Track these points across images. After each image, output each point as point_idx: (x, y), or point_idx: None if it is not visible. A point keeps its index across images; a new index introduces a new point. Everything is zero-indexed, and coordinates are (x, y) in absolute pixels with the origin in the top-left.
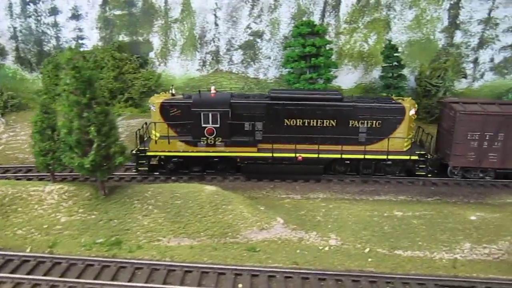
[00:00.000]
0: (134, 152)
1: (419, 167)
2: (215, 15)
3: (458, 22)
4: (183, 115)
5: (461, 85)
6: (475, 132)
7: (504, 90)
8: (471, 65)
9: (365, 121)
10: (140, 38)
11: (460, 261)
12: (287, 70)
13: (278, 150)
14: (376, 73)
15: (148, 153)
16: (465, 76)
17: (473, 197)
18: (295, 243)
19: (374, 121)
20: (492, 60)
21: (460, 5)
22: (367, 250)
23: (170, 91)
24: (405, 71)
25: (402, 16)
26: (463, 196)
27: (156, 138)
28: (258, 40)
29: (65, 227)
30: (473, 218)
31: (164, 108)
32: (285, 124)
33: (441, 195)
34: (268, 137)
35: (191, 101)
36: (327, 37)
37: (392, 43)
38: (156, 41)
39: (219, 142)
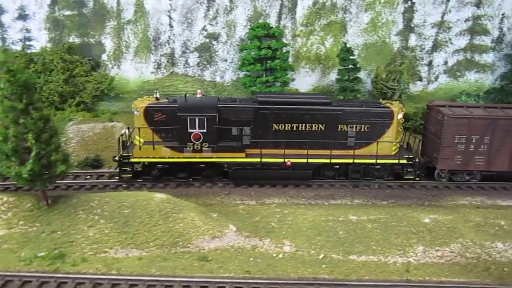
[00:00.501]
0: (117, 158)
1: (407, 171)
2: (169, 16)
3: (412, 25)
4: (168, 120)
5: (416, 87)
6: (462, 136)
7: (458, 92)
8: (426, 68)
9: (354, 125)
10: (92, 40)
11: (413, 264)
12: (243, 73)
13: (267, 155)
14: (334, 75)
15: (132, 160)
16: (420, 79)
17: (427, 200)
18: (248, 251)
19: (363, 125)
20: (446, 63)
21: (414, 8)
22: (321, 256)
23: (154, 95)
24: (361, 74)
25: (358, 19)
26: (417, 199)
27: (140, 144)
28: (214, 42)
29: (3, 241)
30: (426, 220)
31: (148, 113)
32: (274, 129)
33: (396, 198)
34: (256, 142)
35: (176, 105)
36: (283, 40)
37: (347, 46)
38: (108, 43)
39: (206, 147)
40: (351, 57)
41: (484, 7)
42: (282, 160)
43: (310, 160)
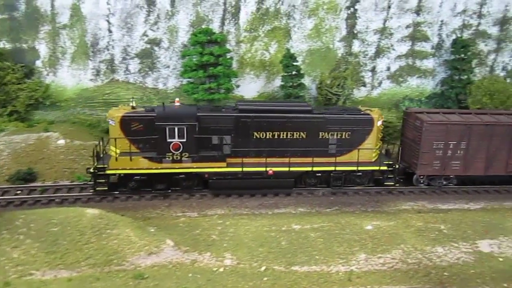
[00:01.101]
0: (91, 170)
1: (388, 177)
2: (108, 21)
3: (355, 31)
4: (146, 130)
5: (360, 93)
6: (440, 141)
7: (401, 98)
8: (370, 73)
9: (335, 133)
10: (24, 45)
11: (355, 273)
12: (186, 80)
13: (248, 164)
14: (279, 82)
15: (108, 171)
16: (364, 84)
17: (371, 206)
18: (187, 266)
19: (344, 133)
20: (388, 68)
21: (357, 15)
22: (263, 268)
23: (130, 104)
24: (306, 80)
25: (302, 25)
26: (361, 205)
27: (116, 155)
28: (156, 48)
29: None
30: (369, 227)
31: (125, 123)
32: (254, 137)
33: (340, 205)
34: (237, 151)
35: (154, 115)
36: (227, 46)
37: (290, 52)
38: (43, 48)
39: (186, 157)
40: (294, 63)
41: (423, 14)
42: (264, 169)
43: (292, 169)
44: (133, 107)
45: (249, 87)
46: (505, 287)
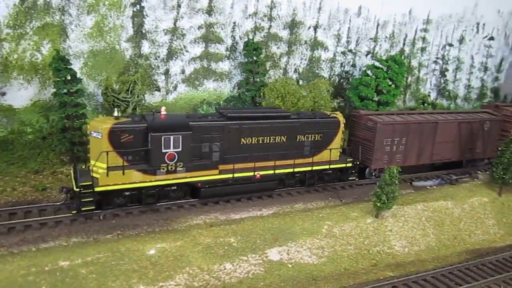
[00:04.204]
0: (76, 189)
1: (351, 172)
2: None
3: (144, 31)
4: (136, 141)
5: (155, 98)
6: (388, 139)
7: (199, 102)
8: (163, 77)
9: (310, 135)
10: None
11: None
12: None
13: (237, 170)
14: None
15: (98, 188)
16: (158, 89)
17: (158, 225)
18: None
19: (317, 135)
20: (183, 71)
21: (144, 13)
22: None
23: (114, 113)
24: (91, 85)
25: (81, 22)
26: (147, 226)
27: (103, 171)
28: None
29: None
30: (151, 252)
31: (114, 134)
32: (242, 143)
33: (122, 229)
34: (227, 158)
35: (145, 125)
36: None
37: (62, 53)
38: None
39: (180, 167)
40: (67, 67)
41: (215, 14)
42: (252, 173)
43: (276, 171)
44: (116, 117)
45: (19, 94)
46: None
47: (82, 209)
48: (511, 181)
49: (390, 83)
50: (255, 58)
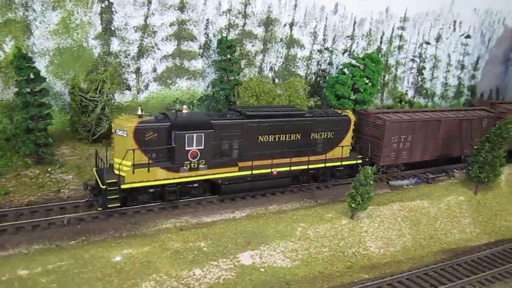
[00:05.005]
0: (103, 186)
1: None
2: None
3: (113, 28)
4: (160, 139)
5: (125, 97)
6: (395, 136)
7: (171, 101)
8: (134, 75)
9: (323, 133)
10: None
11: None
12: None
13: (256, 167)
14: None
15: (124, 186)
16: (128, 88)
17: (126, 229)
18: None
19: (329, 132)
20: (155, 70)
21: (113, 9)
22: None
23: (138, 112)
24: (58, 84)
25: (45, 19)
26: (114, 230)
27: (129, 168)
28: None
29: None
30: (117, 259)
31: (139, 133)
32: (259, 141)
33: (88, 234)
34: (246, 155)
35: (169, 123)
36: None
37: (23, 51)
38: None
39: (202, 164)
40: (30, 65)
41: (188, 11)
42: (269, 170)
43: (292, 168)
44: (139, 116)
45: None
46: None
47: (109, 206)
48: (487, 180)
49: (367, 81)
50: (229, 56)
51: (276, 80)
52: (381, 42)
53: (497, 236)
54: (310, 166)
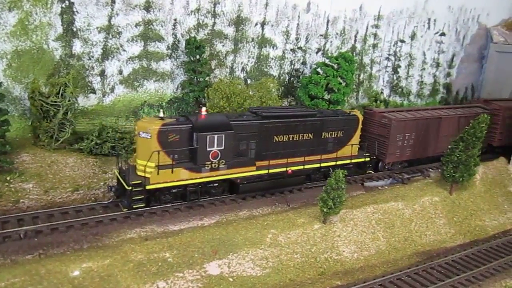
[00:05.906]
0: (128, 187)
1: (369, 166)
2: None
3: (75, 29)
4: (181, 140)
5: (90, 101)
6: (400, 134)
7: (139, 104)
8: (98, 78)
9: (333, 132)
10: None
11: None
12: None
13: (272, 166)
14: None
15: (149, 186)
16: (93, 91)
17: (87, 241)
18: None
19: (339, 131)
20: (121, 72)
21: (74, 9)
22: None
23: (159, 114)
24: (16, 89)
25: (2, 20)
26: (74, 242)
27: (153, 170)
28: None
29: None
30: (75, 273)
31: (163, 135)
32: (274, 141)
33: (46, 247)
34: (262, 154)
35: (190, 125)
36: None
37: None
38: None
39: (223, 165)
40: None
41: (154, 11)
42: (284, 169)
43: (306, 166)
44: (161, 118)
45: None
46: None
47: (134, 206)
48: (461, 179)
49: (340, 81)
50: (198, 57)
51: (248, 81)
52: (355, 40)
53: (472, 236)
54: (322, 165)
